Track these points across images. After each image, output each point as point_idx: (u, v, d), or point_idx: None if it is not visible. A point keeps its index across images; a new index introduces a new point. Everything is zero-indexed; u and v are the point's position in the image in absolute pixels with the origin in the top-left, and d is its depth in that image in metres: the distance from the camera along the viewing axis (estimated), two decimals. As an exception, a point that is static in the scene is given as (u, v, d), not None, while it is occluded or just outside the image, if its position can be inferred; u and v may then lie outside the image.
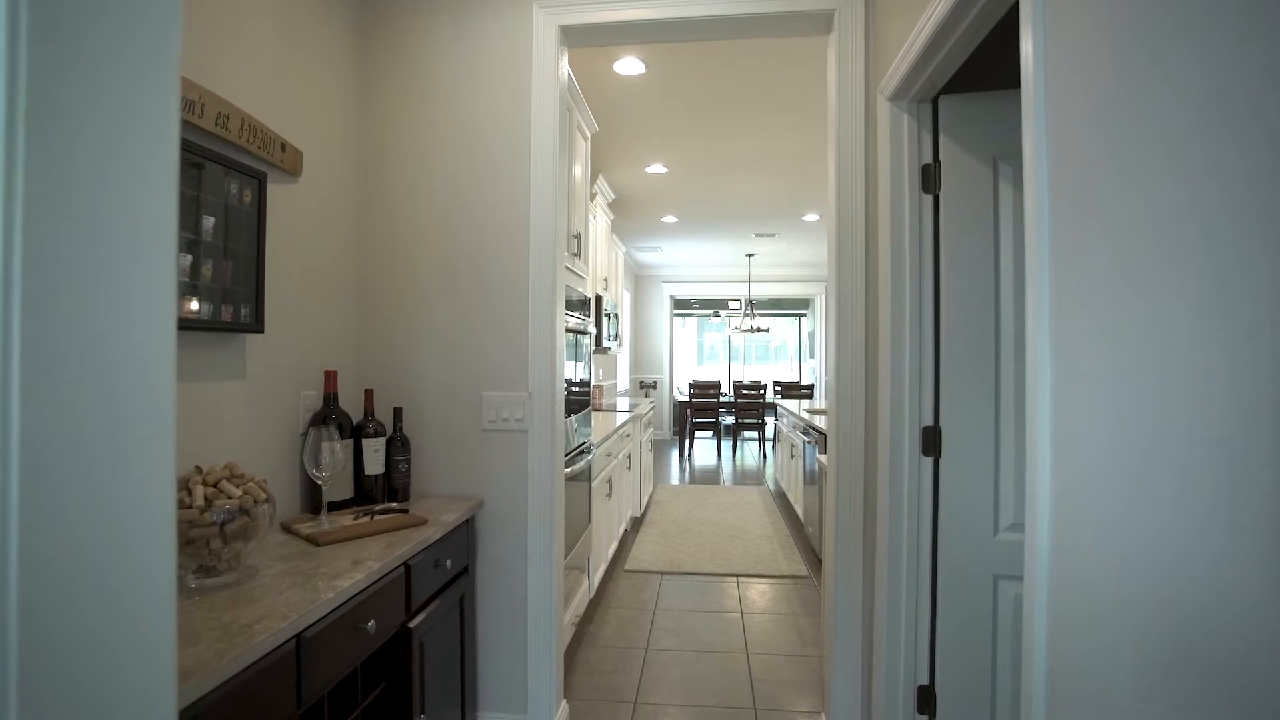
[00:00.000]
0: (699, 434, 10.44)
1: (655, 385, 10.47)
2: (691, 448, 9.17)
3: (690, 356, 15.66)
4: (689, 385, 8.92)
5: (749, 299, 9.58)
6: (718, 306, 13.74)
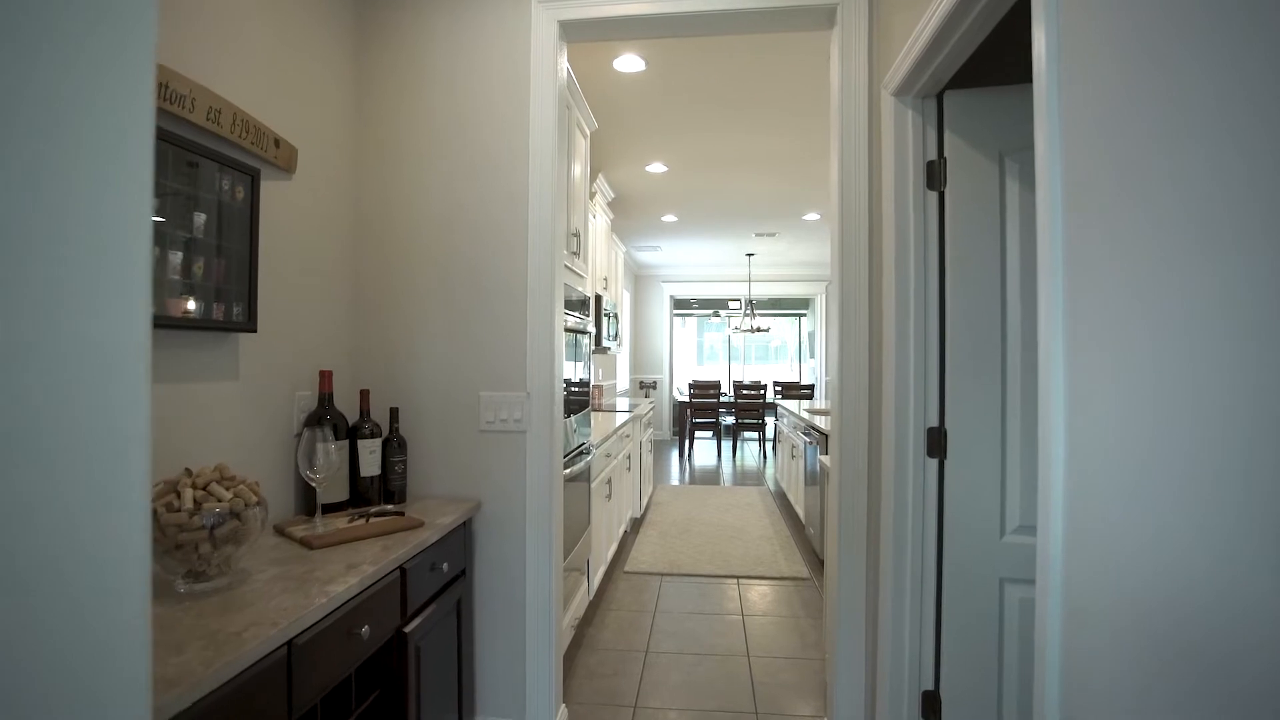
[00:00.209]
0: (699, 434, 10.40)
1: (655, 385, 10.43)
2: (691, 448, 9.14)
3: (690, 356, 15.64)
4: (689, 385, 8.88)
5: (749, 299, 9.55)
6: (718, 306, 13.72)
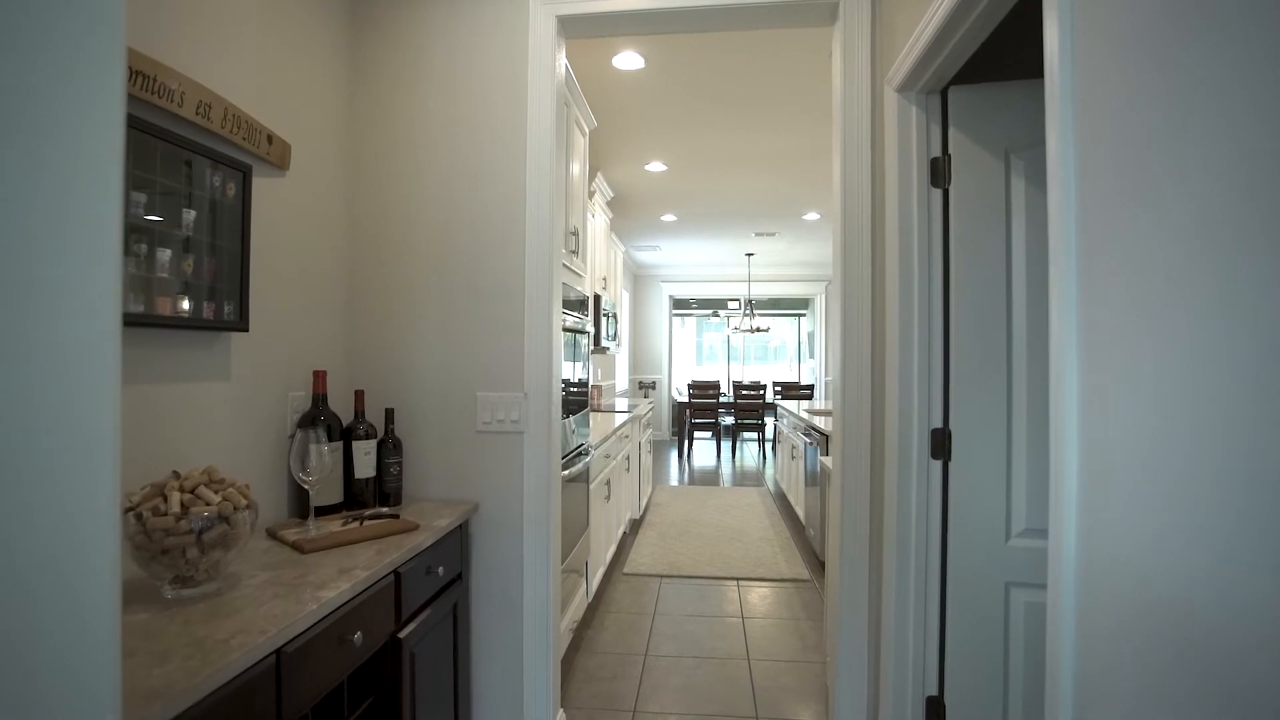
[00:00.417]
0: (698, 434, 10.37)
1: (654, 385, 10.40)
2: (691, 448, 9.11)
3: (689, 357, 15.62)
4: (688, 385, 8.85)
5: (748, 299, 9.53)
6: (717, 306, 13.68)
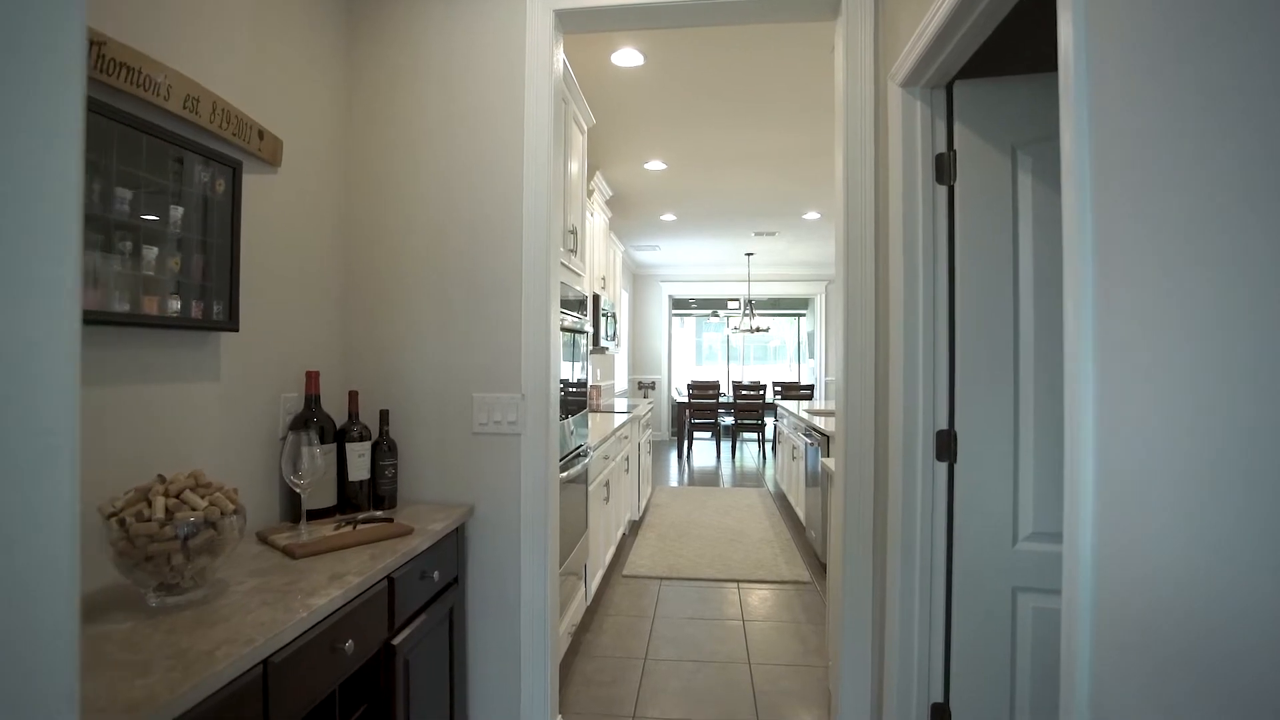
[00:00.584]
0: (698, 435, 10.33)
1: (654, 385, 10.37)
2: (690, 449, 9.07)
3: (689, 357, 15.59)
4: (688, 386, 8.82)
5: (748, 298, 9.49)
6: (716, 306, 13.65)
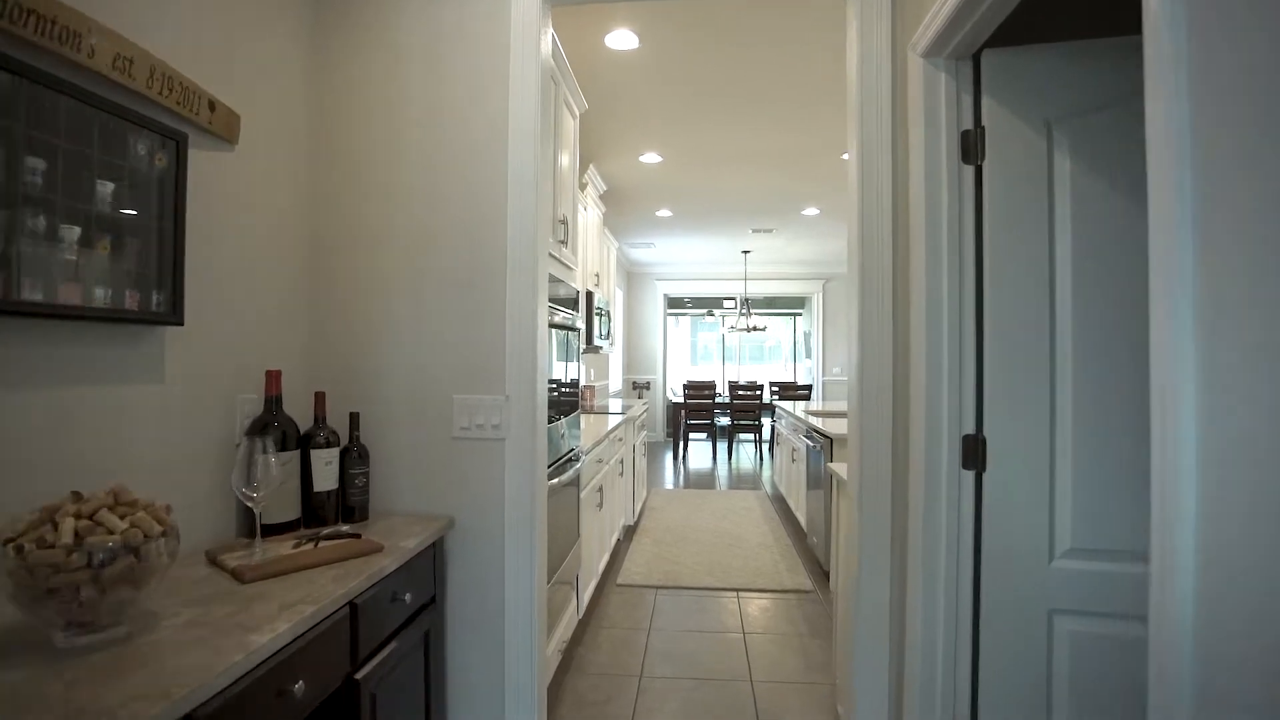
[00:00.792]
0: (693, 436, 10.16)
1: (648, 386, 10.20)
2: (686, 450, 8.91)
3: (684, 357, 15.44)
4: (684, 386, 8.66)
5: (745, 297, 9.34)
6: (712, 305, 13.51)
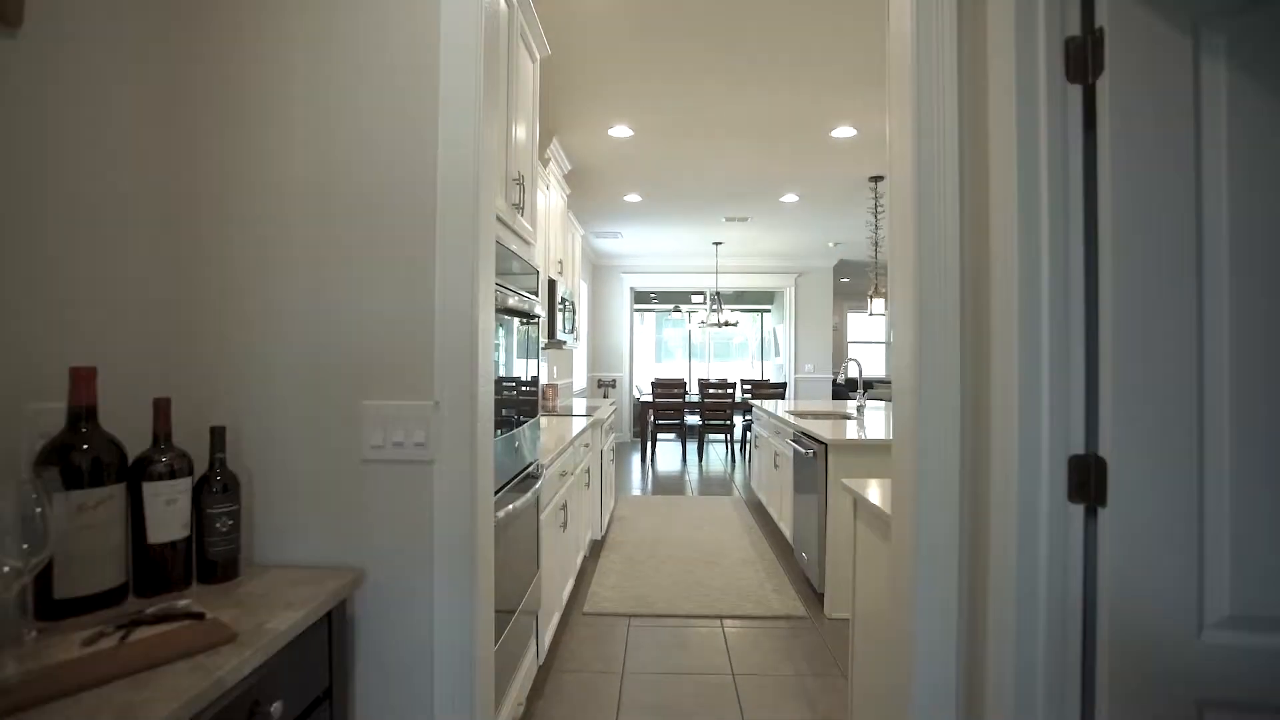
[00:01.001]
0: (662, 437, 9.72)
1: (614, 384, 9.72)
2: (654, 451, 8.46)
3: (648, 354, 15.03)
4: (652, 384, 8.21)
5: (716, 290, 8.93)
6: (679, 300, 13.10)
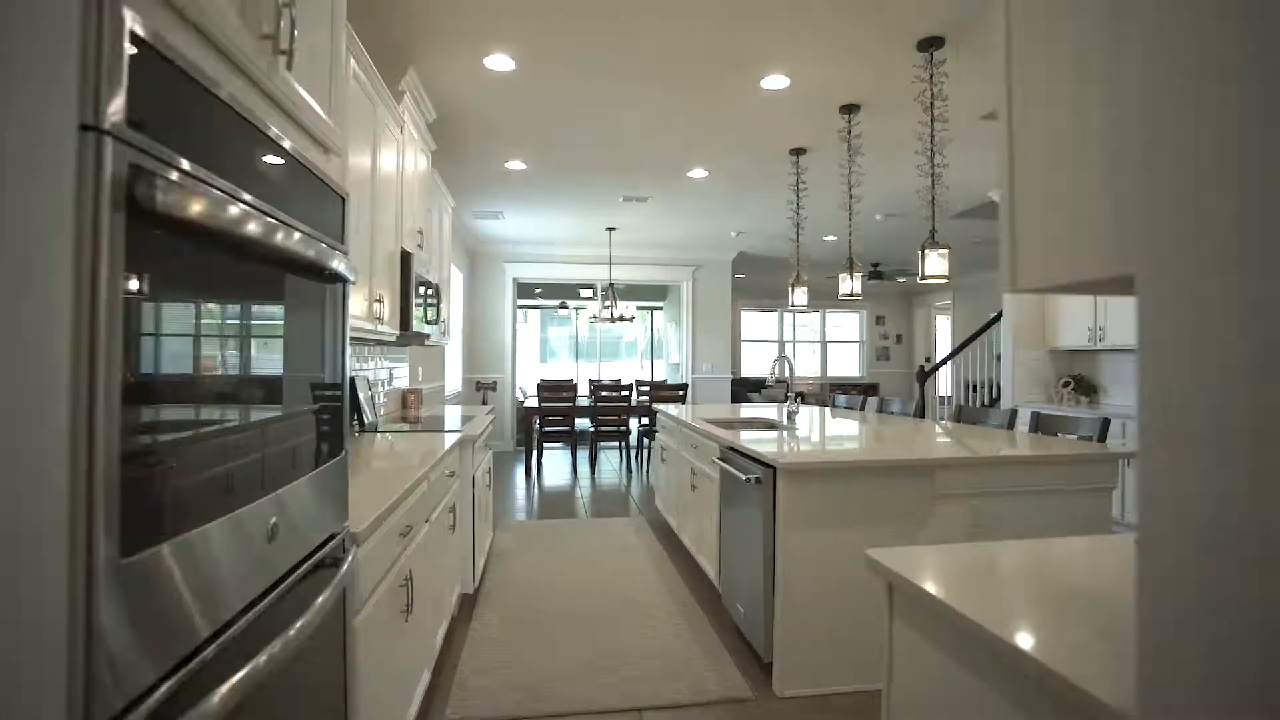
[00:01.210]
0: (549, 445, 8.75)
1: (494, 386, 8.62)
2: (540, 463, 7.47)
3: (532, 354, 13.96)
4: (538, 386, 7.22)
5: (610, 282, 8.07)
6: (566, 295, 12.12)
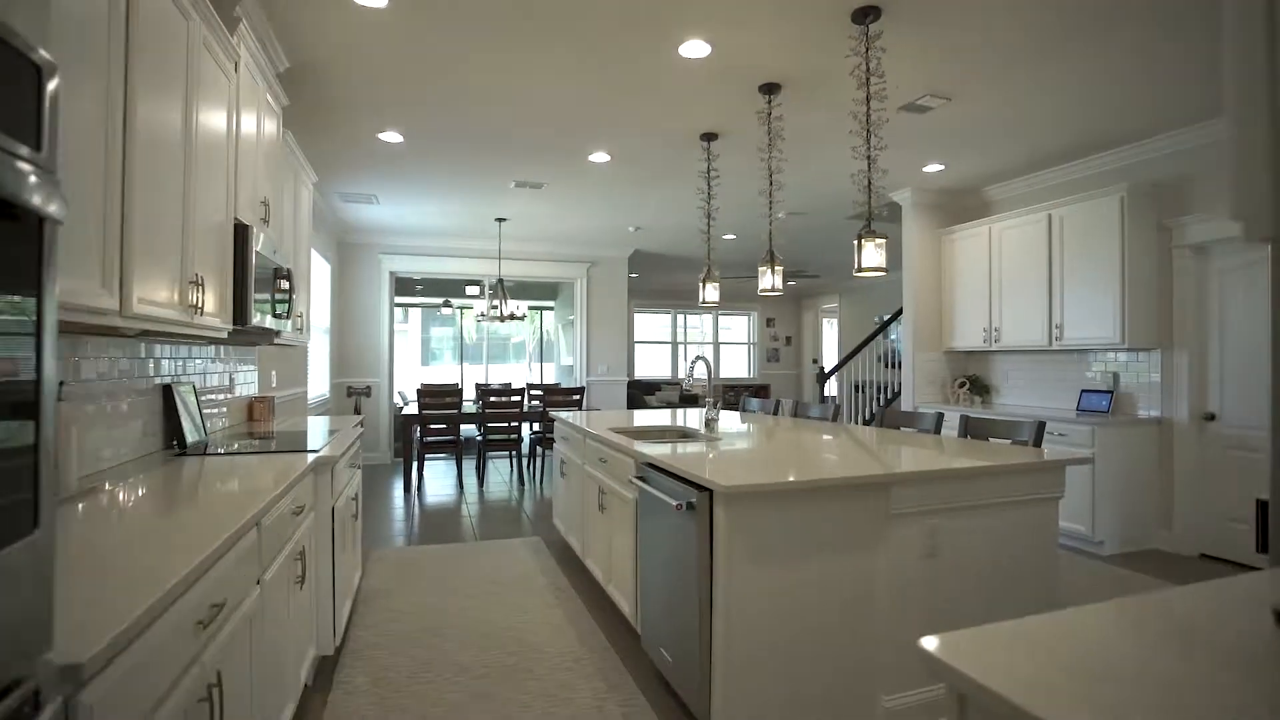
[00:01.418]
0: (431, 457, 7.97)
1: (369, 392, 7.74)
2: (422, 477, 6.73)
3: (413, 356, 12.97)
4: (419, 391, 6.47)
5: (499, 278, 7.44)
6: (451, 292, 11.26)
